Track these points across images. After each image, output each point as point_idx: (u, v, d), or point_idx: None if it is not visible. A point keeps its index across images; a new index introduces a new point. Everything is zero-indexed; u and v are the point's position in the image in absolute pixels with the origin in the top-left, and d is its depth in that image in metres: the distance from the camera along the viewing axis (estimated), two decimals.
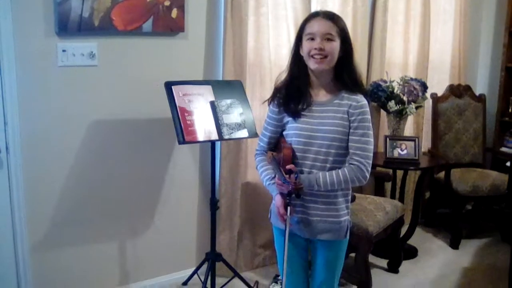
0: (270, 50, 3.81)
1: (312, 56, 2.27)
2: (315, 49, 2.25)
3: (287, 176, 2.19)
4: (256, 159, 2.52)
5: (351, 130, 2.30)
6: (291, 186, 2.18)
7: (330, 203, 2.36)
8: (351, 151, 2.30)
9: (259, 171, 2.49)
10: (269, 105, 2.46)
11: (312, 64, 2.29)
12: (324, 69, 2.30)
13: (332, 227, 2.38)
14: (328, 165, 2.32)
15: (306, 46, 2.28)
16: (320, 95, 2.36)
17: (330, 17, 2.29)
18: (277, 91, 2.42)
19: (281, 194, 2.31)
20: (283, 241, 2.41)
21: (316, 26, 2.26)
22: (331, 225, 2.38)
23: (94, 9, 3.04)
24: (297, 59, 2.36)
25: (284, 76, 2.42)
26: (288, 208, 2.28)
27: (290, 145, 2.33)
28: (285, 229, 2.32)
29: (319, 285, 2.51)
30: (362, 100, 2.32)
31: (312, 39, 2.26)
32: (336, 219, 2.38)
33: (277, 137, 2.47)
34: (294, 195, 2.21)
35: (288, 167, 2.23)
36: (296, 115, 2.34)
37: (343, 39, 2.30)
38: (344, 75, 2.32)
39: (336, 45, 2.27)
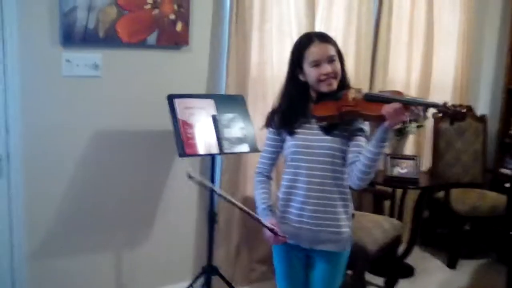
0: (273, 66, 3.83)
1: (322, 81, 2.30)
2: (326, 74, 2.28)
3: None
4: (256, 179, 2.52)
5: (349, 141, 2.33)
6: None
7: (329, 212, 2.36)
8: (352, 154, 2.30)
9: (255, 192, 2.50)
10: (267, 128, 2.49)
11: (324, 88, 2.31)
12: (335, 86, 2.33)
13: (332, 238, 2.38)
14: (328, 174, 2.33)
15: (313, 73, 2.30)
16: None
17: (326, 39, 2.33)
18: (273, 115, 2.45)
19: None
20: (282, 257, 2.48)
21: (319, 53, 2.29)
22: (331, 235, 2.38)
23: (99, 21, 3.07)
24: (295, 83, 2.39)
25: (279, 99, 2.46)
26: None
27: None
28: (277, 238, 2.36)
29: None
30: None
31: (317, 65, 2.29)
32: (336, 229, 2.38)
33: (280, 152, 2.49)
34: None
35: None
36: (295, 132, 2.38)
37: (338, 54, 2.35)
38: (339, 85, 2.36)
39: (338, 63, 2.33)
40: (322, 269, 2.46)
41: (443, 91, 4.99)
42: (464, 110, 2.09)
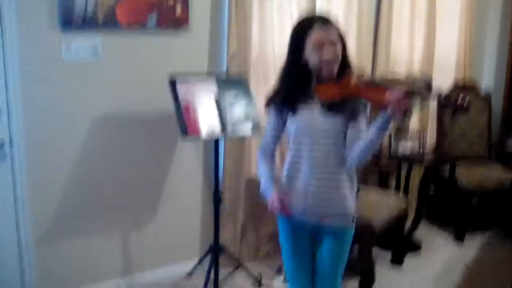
0: (274, 46, 3.82)
1: (322, 66, 2.29)
2: (326, 59, 2.27)
3: None
4: (259, 156, 2.51)
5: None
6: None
7: (334, 190, 2.36)
8: (352, 135, 2.31)
9: (259, 168, 2.48)
10: (268, 108, 2.48)
11: (324, 73, 2.31)
12: (336, 70, 2.32)
13: (338, 212, 2.39)
14: (331, 153, 2.33)
15: (313, 58, 2.29)
16: None
17: (327, 23, 2.30)
18: (274, 95, 2.44)
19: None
20: (288, 235, 2.49)
21: (320, 38, 2.27)
22: (336, 210, 2.38)
23: (98, 4, 3.07)
24: (296, 65, 2.36)
25: (279, 80, 2.44)
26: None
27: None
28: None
29: (323, 276, 2.51)
30: None
31: (317, 50, 2.27)
32: (341, 204, 2.38)
33: (282, 130, 2.48)
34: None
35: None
36: (296, 113, 2.38)
37: (340, 36, 2.33)
38: (341, 67, 2.35)
39: (339, 46, 2.31)
40: (329, 246, 2.46)
41: (446, 68, 4.97)
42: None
